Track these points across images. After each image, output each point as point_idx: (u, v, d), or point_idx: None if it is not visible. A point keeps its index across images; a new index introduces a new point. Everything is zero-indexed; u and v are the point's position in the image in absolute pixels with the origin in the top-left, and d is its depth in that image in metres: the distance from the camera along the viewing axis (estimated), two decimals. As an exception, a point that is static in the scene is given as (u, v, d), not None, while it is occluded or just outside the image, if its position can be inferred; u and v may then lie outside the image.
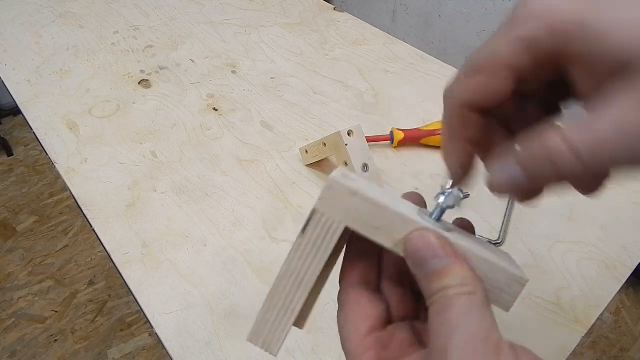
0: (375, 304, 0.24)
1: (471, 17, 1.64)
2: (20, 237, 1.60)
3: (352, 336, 0.23)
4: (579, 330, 0.46)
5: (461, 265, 0.20)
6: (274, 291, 0.23)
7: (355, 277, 0.24)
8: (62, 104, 0.72)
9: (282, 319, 0.24)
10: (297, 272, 0.23)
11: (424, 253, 0.20)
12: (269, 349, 0.24)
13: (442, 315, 0.19)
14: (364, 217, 0.21)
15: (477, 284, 0.20)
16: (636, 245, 0.54)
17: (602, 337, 1.37)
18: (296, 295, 0.23)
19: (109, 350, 1.31)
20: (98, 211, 0.56)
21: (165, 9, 0.96)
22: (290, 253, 0.23)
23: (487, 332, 0.18)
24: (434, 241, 0.20)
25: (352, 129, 0.53)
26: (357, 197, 0.21)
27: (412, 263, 0.21)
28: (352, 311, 0.23)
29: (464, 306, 0.19)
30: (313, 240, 0.22)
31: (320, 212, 0.22)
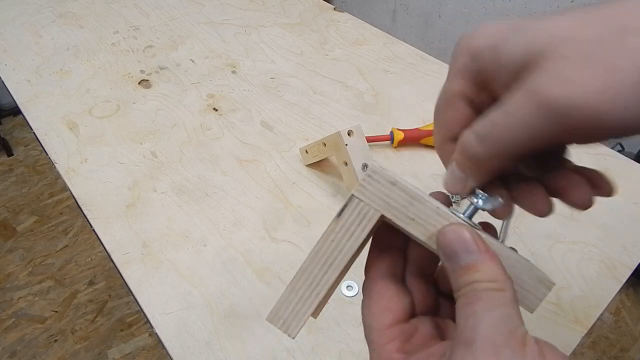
0: (401, 297, 0.24)
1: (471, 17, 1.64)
2: (20, 237, 1.60)
3: (376, 326, 0.23)
4: (579, 330, 0.46)
5: (492, 262, 0.20)
6: (302, 272, 0.24)
7: (381, 268, 0.25)
8: (62, 104, 0.72)
9: (305, 301, 0.24)
10: (328, 255, 0.23)
11: (456, 246, 0.21)
12: (287, 330, 0.24)
13: (469, 307, 0.19)
14: (401, 207, 0.22)
15: (507, 282, 0.20)
16: (636, 245, 0.54)
17: (602, 337, 1.37)
18: (323, 279, 0.23)
19: (109, 350, 1.31)
20: (98, 211, 0.56)
21: (165, 9, 0.96)
22: (322, 236, 0.23)
23: (513, 327, 0.18)
24: (468, 236, 0.21)
25: (352, 129, 0.53)
26: (396, 187, 0.22)
27: (444, 256, 0.21)
28: (378, 302, 0.24)
29: (492, 301, 0.19)
30: (347, 225, 0.23)
31: (357, 199, 0.22)
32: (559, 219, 0.56)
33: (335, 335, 0.45)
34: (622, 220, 0.56)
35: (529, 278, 0.21)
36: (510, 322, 0.19)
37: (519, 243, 0.53)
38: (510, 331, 0.18)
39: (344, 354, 0.44)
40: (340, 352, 0.44)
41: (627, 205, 0.58)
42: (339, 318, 0.46)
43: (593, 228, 0.55)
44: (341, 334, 0.45)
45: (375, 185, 0.22)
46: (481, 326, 0.18)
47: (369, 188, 0.22)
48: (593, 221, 0.56)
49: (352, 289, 0.49)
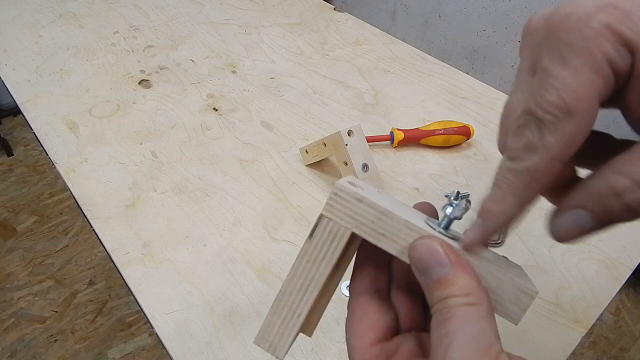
0: (383, 314, 0.23)
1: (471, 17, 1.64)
2: (20, 237, 1.60)
3: (357, 345, 0.23)
4: (579, 330, 0.46)
5: (465, 274, 0.20)
6: (281, 295, 0.24)
7: (364, 284, 0.24)
8: (62, 104, 0.72)
9: (288, 323, 0.24)
10: (304, 276, 0.23)
11: (427, 260, 0.20)
12: (275, 352, 0.24)
13: (442, 326, 0.19)
14: (370, 223, 0.22)
15: (481, 295, 0.19)
16: (636, 245, 0.54)
17: (602, 337, 1.37)
18: (302, 300, 0.23)
19: (109, 350, 1.31)
20: (98, 211, 0.56)
21: (165, 9, 0.96)
22: (297, 258, 0.23)
23: (487, 345, 0.18)
24: (438, 248, 0.20)
25: (352, 129, 0.53)
26: (363, 204, 0.22)
27: (416, 270, 0.21)
28: (360, 320, 0.23)
29: (465, 317, 0.18)
30: (320, 245, 0.23)
31: (327, 218, 0.22)
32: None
33: (335, 335, 0.45)
34: (622, 220, 0.56)
35: (510, 288, 0.21)
36: (483, 340, 0.18)
37: (519, 243, 0.53)
38: (483, 350, 0.18)
39: (344, 354, 0.44)
40: (340, 352, 0.44)
41: (627, 205, 0.58)
42: (339, 318, 0.46)
43: (593, 228, 0.55)
44: (341, 334, 0.45)
45: (342, 203, 0.22)
46: (453, 347, 0.18)
47: (336, 206, 0.22)
48: (593, 221, 0.56)
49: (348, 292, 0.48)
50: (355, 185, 0.23)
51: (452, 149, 0.65)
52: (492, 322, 0.19)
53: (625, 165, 0.17)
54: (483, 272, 0.21)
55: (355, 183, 0.23)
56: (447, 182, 0.60)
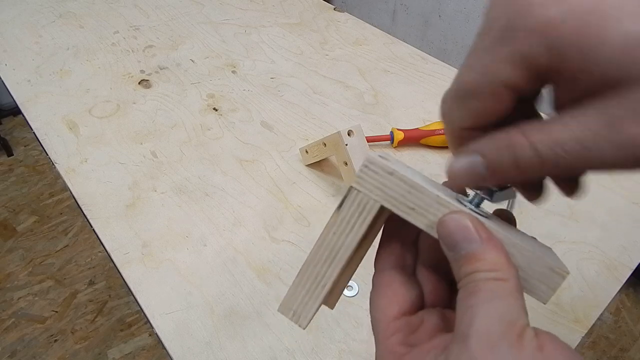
0: (408, 289, 0.23)
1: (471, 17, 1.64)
2: (20, 237, 1.60)
3: (381, 318, 0.23)
4: (579, 330, 0.46)
5: (494, 250, 0.20)
6: (307, 265, 0.24)
7: (390, 260, 0.24)
8: (62, 104, 0.72)
9: (312, 293, 0.24)
10: (331, 247, 0.23)
11: (456, 235, 0.20)
12: (298, 321, 0.24)
13: (467, 300, 0.19)
14: (400, 196, 0.22)
15: (509, 271, 0.19)
16: (636, 245, 0.54)
17: (602, 337, 1.37)
18: (328, 271, 0.23)
19: (109, 350, 1.31)
20: (98, 211, 0.56)
21: (165, 9, 0.96)
22: (324, 228, 0.23)
23: (511, 320, 0.18)
24: (467, 224, 0.20)
25: (352, 129, 0.53)
26: (394, 177, 0.21)
27: (444, 245, 0.21)
28: (384, 294, 0.23)
29: (491, 292, 0.18)
30: (348, 217, 0.23)
31: (356, 190, 0.22)
32: (559, 219, 0.56)
33: (335, 335, 0.45)
34: (622, 220, 0.56)
35: (540, 267, 0.20)
36: (508, 314, 0.18)
37: (519, 243, 0.53)
38: (508, 324, 0.18)
39: (344, 354, 0.44)
40: (340, 352, 0.44)
41: (627, 205, 0.58)
42: (339, 318, 0.46)
43: (593, 228, 0.55)
44: (341, 334, 0.45)
45: (372, 176, 0.22)
46: (477, 319, 0.18)
47: (366, 179, 0.22)
48: (593, 221, 0.56)
49: (352, 289, 0.49)
50: (386, 159, 0.23)
51: (452, 149, 0.65)
52: (519, 299, 0.19)
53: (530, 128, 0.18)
54: (513, 249, 0.20)
55: (386, 157, 0.23)
56: (447, 182, 0.60)
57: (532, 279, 0.21)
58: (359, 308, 0.47)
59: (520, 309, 0.18)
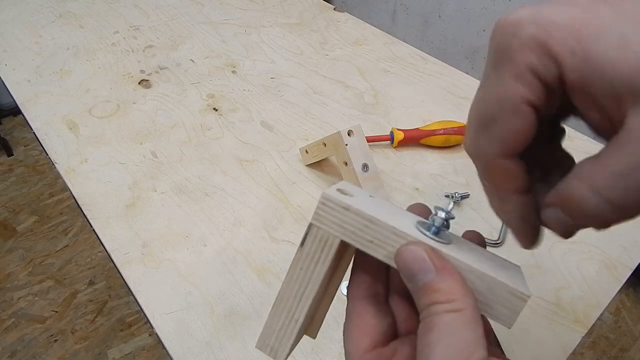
0: (380, 319, 0.23)
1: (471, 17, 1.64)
2: (20, 237, 1.60)
3: (353, 351, 0.23)
4: (579, 330, 0.46)
5: (449, 279, 0.20)
6: (278, 301, 0.24)
7: (361, 289, 0.24)
8: (62, 104, 0.72)
9: (287, 328, 0.24)
10: (299, 283, 0.23)
11: (412, 266, 0.20)
12: (276, 356, 0.24)
13: (425, 336, 0.19)
14: (357, 230, 0.22)
15: (466, 300, 0.19)
16: (636, 245, 0.54)
17: (602, 337, 1.37)
18: (299, 306, 0.24)
19: (109, 350, 1.31)
20: (98, 211, 0.56)
21: (165, 9, 0.96)
22: (291, 265, 0.24)
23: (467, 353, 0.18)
24: (423, 255, 0.20)
25: (352, 129, 0.53)
26: (350, 212, 0.22)
27: (404, 277, 0.21)
28: (356, 326, 0.23)
29: (447, 326, 0.18)
30: (311, 253, 0.23)
31: (316, 227, 0.23)
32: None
33: (335, 335, 0.45)
34: (622, 220, 0.56)
35: (501, 292, 0.20)
36: (463, 350, 0.18)
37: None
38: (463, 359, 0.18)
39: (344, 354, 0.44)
40: (340, 352, 0.44)
41: (627, 205, 0.58)
42: (339, 318, 0.46)
43: (593, 228, 0.55)
44: (341, 334, 0.45)
45: (330, 212, 0.22)
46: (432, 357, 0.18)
47: (324, 215, 0.22)
48: (593, 221, 0.56)
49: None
50: (345, 192, 0.23)
51: (452, 149, 0.65)
52: (475, 329, 0.18)
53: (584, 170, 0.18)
54: (471, 276, 0.21)
55: (346, 190, 0.23)
56: (447, 182, 0.60)
57: (494, 304, 0.21)
58: (359, 308, 0.47)
59: (476, 341, 0.18)
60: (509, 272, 0.22)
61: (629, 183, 0.16)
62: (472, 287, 0.20)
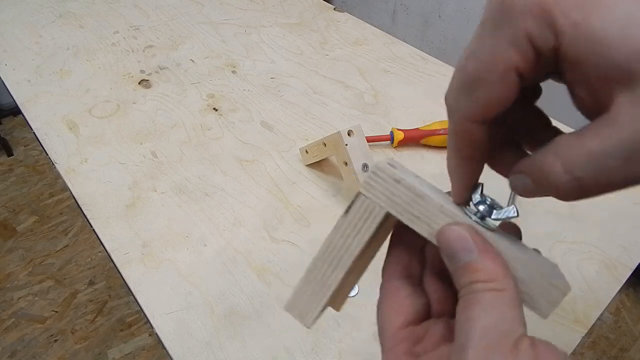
0: (414, 299, 0.24)
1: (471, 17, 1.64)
2: (20, 237, 1.60)
3: (387, 327, 0.23)
4: (579, 330, 0.46)
5: (491, 261, 0.20)
6: (313, 266, 0.24)
7: (397, 269, 0.24)
8: (62, 104, 0.72)
9: (317, 294, 0.24)
10: (336, 251, 0.23)
11: (454, 245, 0.20)
12: (303, 320, 0.25)
13: (465, 311, 0.19)
14: (405, 204, 0.22)
15: (507, 281, 0.19)
16: (636, 245, 0.54)
17: (602, 337, 1.37)
18: (333, 274, 0.24)
19: (109, 350, 1.31)
20: (98, 211, 0.56)
21: (165, 9, 0.96)
22: (331, 232, 0.24)
23: (508, 330, 0.18)
24: (465, 234, 0.20)
25: (352, 129, 0.53)
26: (401, 185, 0.22)
27: (444, 255, 0.21)
28: (390, 304, 0.24)
29: (488, 303, 0.19)
30: (354, 222, 0.23)
31: (364, 196, 0.23)
32: (559, 219, 0.56)
33: (335, 335, 0.45)
34: (622, 220, 0.56)
35: (541, 282, 0.20)
36: (504, 325, 0.18)
37: (519, 243, 0.53)
38: (504, 335, 0.18)
39: (344, 354, 0.44)
40: (340, 352, 0.44)
41: (627, 206, 0.58)
42: (339, 318, 0.46)
43: (593, 228, 0.55)
44: (341, 334, 0.45)
45: (380, 183, 0.22)
46: (473, 331, 0.18)
47: (374, 185, 0.22)
48: (593, 221, 0.56)
49: (353, 289, 0.48)
50: (394, 166, 0.23)
51: (452, 149, 0.65)
52: (516, 309, 0.19)
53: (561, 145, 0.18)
54: (514, 262, 0.21)
55: (395, 165, 0.23)
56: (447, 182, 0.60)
57: (533, 293, 0.21)
58: (359, 308, 0.47)
59: (517, 320, 0.18)
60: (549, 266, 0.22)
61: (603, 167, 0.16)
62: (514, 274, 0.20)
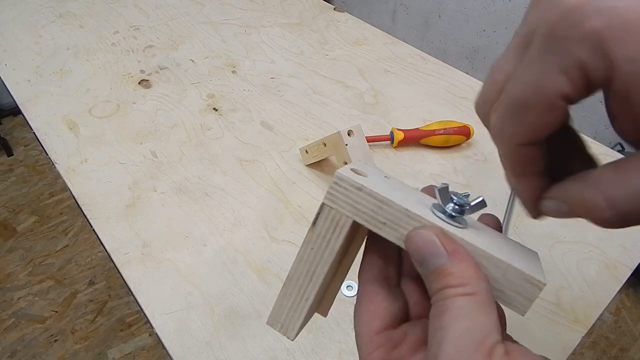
0: (391, 302, 0.23)
1: (471, 17, 1.64)
2: (20, 237, 1.60)
3: (363, 333, 0.23)
4: (579, 330, 0.46)
5: (462, 263, 0.19)
6: (289, 279, 0.24)
7: (373, 272, 0.24)
8: (62, 104, 0.72)
9: (297, 306, 0.24)
10: (310, 263, 0.23)
11: (423, 251, 0.20)
12: (286, 333, 0.24)
13: (438, 319, 0.18)
14: (370, 211, 0.22)
15: (479, 283, 0.19)
16: (636, 245, 0.54)
17: (602, 337, 1.37)
18: (309, 285, 0.23)
19: (109, 350, 1.31)
20: (98, 211, 0.56)
21: (165, 9, 0.96)
22: (302, 245, 0.23)
23: (480, 339, 0.17)
24: (434, 239, 0.20)
25: (352, 129, 0.53)
26: (363, 192, 0.21)
27: (414, 261, 0.21)
28: (366, 308, 0.23)
29: (460, 309, 0.18)
30: (323, 233, 0.23)
31: (328, 207, 0.22)
32: (559, 219, 0.56)
33: (335, 335, 0.45)
34: (622, 220, 0.56)
35: (515, 278, 0.20)
36: (477, 333, 0.18)
37: (519, 243, 0.53)
38: (477, 343, 0.17)
39: (344, 354, 0.44)
40: (340, 352, 0.44)
41: (627, 205, 0.58)
42: (339, 318, 0.46)
43: (593, 228, 0.55)
44: (341, 334, 0.45)
45: (343, 192, 0.22)
46: (445, 341, 0.18)
47: (337, 195, 0.22)
48: (593, 221, 0.56)
49: (352, 289, 0.49)
50: (359, 172, 0.23)
51: (452, 149, 0.65)
52: (489, 313, 0.18)
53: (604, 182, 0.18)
54: (485, 261, 0.20)
55: (360, 170, 0.23)
56: (447, 182, 0.60)
57: (508, 291, 0.20)
58: (359, 308, 0.47)
59: (490, 325, 0.18)
60: (525, 258, 0.22)
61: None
62: (486, 273, 0.20)
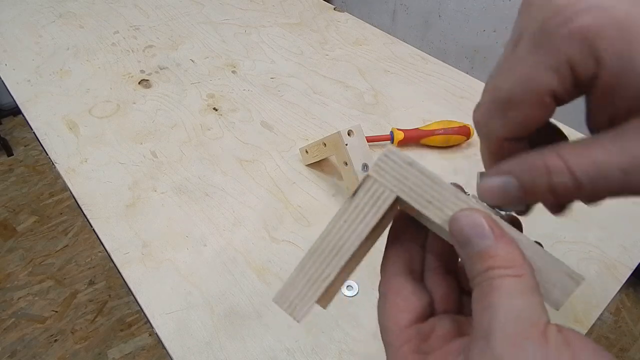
0: (418, 296, 0.23)
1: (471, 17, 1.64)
2: (20, 237, 1.60)
3: (391, 327, 0.22)
4: (579, 330, 0.46)
5: (508, 247, 0.19)
6: (310, 254, 0.23)
7: (398, 265, 0.23)
8: (62, 104, 0.72)
9: (312, 285, 0.23)
10: (339, 237, 0.22)
11: (469, 232, 0.19)
12: (293, 313, 0.23)
13: (485, 298, 0.18)
14: (417, 188, 0.21)
15: (525, 267, 0.18)
16: (636, 245, 0.54)
17: (602, 337, 1.37)
18: (332, 262, 0.22)
19: (109, 350, 1.31)
20: (98, 211, 0.56)
21: (165, 8, 0.96)
22: (334, 218, 0.22)
23: (534, 316, 0.17)
24: (480, 220, 0.19)
25: (352, 129, 0.53)
26: (413, 168, 0.21)
27: (457, 243, 0.20)
28: (393, 302, 0.22)
29: (509, 289, 0.18)
30: (361, 206, 0.22)
31: (373, 178, 0.22)
32: (559, 219, 0.56)
33: (335, 335, 0.45)
34: (622, 220, 0.56)
35: (556, 271, 0.19)
36: (529, 312, 0.17)
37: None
38: (530, 322, 0.17)
39: (344, 354, 0.44)
40: (340, 352, 0.44)
41: (627, 205, 0.58)
42: (339, 318, 0.46)
43: (593, 228, 0.55)
44: (341, 334, 0.45)
45: (391, 166, 0.21)
46: (498, 318, 0.17)
47: (385, 168, 0.21)
48: (593, 221, 0.56)
49: (352, 289, 0.49)
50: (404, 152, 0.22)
51: (452, 149, 0.65)
52: (537, 295, 0.18)
53: (566, 150, 0.18)
54: (528, 251, 0.20)
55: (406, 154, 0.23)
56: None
57: (546, 283, 0.20)
58: (359, 308, 0.47)
59: (540, 306, 0.18)
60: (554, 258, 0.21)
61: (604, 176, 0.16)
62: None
